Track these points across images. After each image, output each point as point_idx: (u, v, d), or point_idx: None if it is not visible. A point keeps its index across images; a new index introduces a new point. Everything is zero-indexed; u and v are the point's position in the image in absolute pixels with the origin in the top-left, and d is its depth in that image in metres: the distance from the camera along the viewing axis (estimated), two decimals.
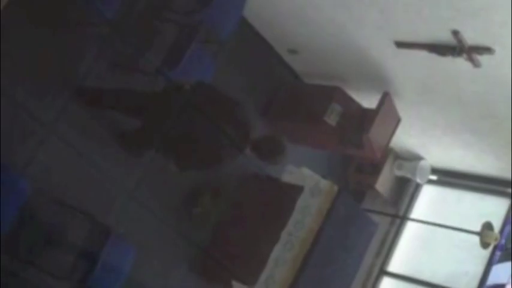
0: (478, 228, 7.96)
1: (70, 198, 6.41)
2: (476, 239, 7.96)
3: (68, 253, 6.35)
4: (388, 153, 8.89)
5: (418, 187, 9.40)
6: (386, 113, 7.75)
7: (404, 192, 9.40)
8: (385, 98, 7.68)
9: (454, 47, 6.40)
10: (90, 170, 6.68)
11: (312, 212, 7.41)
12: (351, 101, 7.98)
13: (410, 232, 9.21)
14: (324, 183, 7.57)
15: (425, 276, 8.75)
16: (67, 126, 6.44)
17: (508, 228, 8.42)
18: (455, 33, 6.19)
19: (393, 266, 9.12)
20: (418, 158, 9.03)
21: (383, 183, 9.16)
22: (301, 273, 7.27)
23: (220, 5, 6.60)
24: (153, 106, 6.27)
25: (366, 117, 7.69)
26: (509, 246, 8.37)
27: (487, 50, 6.20)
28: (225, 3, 6.69)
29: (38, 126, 6.22)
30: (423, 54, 6.72)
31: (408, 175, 9.14)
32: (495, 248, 8.23)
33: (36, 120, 6.20)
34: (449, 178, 9.19)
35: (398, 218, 9.26)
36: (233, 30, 6.86)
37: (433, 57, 6.66)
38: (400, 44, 6.84)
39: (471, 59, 6.43)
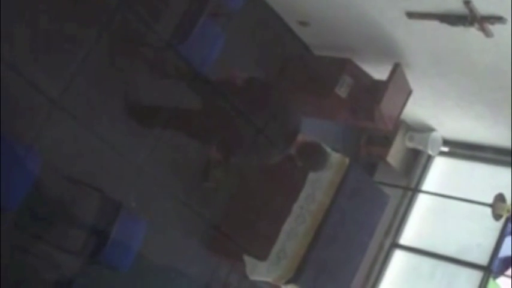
0: (490, 200, 7.94)
1: (80, 173, 6.43)
2: (488, 210, 7.94)
3: (79, 228, 6.41)
4: (399, 125, 8.85)
5: (429, 159, 9.36)
6: (398, 85, 7.70)
7: (416, 164, 9.36)
8: (396, 70, 7.62)
9: (466, 17, 6.32)
10: (99, 145, 6.67)
11: (323, 185, 7.39)
12: (362, 73, 7.94)
13: (422, 204, 9.19)
14: (335, 156, 7.54)
15: (437, 248, 8.73)
16: (74, 100, 6.42)
17: None
18: (467, 2, 6.12)
19: (405, 238, 9.10)
20: (429, 129, 8.99)
21: (394, 155, 9.13)
22: (312, 246, 7.27)
23: None
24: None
25: (377, 89, 7.65)
26: None
27: (499, 19, 6.13)
28: None
29: (45, 100, 6.19)
30: (434, 24, 6.64)
31: (420, 147, 9.10)
32: (507, 219, 8.20)
33: (43, 94, 6.18)
34: (461, 150, 9.14)
35: (410, 190, 9.23)
36: (242, 2, 6.82)
37: (445, 28, 6.59)
38: (411, 15, 6.77)
39: (483, 29, 6.36)
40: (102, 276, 6.54)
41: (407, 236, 9.11)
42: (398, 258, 9.07)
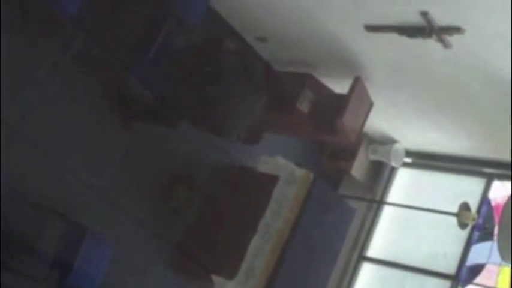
0: (455, 209, 7.95)
1: (42, 199, 6.35)
2: (453, 220, 7.95)
3: (44, 254, 6.29)
4: (362, 138, 8.86)
5: (393, 170, 9.39)
6: (359, 98, 7.71)
7: (379, 176, 9.38)
8: (357, 83, 7.63)
9: (424, 28, 6.35)
10: (60, 171, 6.60)
11: (288, 201, 7.36)
12: (323, 87, 7.94)
13: (387, 216, 9.20)
14: (299, 171, 7.53)
15: (405, 259, 8.75)
16: (33, 126, 6.35)
17: (485, 207, 8.44)
18: (424, 14, 6.15)
19: (372, 251, 9.10)
20: (392, 141, 9.01)
21: (358, 168, 9.14)
22: (280, 263, 7.23)
23: None
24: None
25: (338, 102, 7.64)
26: (488, 225, 8.38)
27: (457, 30, 6.16)
28: None
29: (5, 128, 6.12)
30: (393, 37, 6.66)
31: (383, 159, 9.12)
32: (473, 228, 8.25)
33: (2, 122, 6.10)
34: (424, 160, 9.18)
35: (375, 202, 9.25)
36: (199, 19, 6.80)
37: (404, 40, 6.61)
38: (370, 28, 6.78)
39: (441, 40, 6.39)
40: None
41: (374, 249, 9.12)
42: (367, 270, 9.08)
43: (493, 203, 8.50)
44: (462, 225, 7.96)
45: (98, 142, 6.94)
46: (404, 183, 9.36)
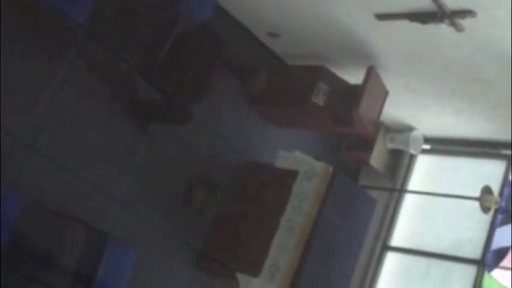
0: (477, 194, 7.90)
1: (63, 210, 6.36)
2: (476, 204, 7.90)
3: (69, 262, 6.31)
4: (379, 127, 8.81)
5: (412, 158, 9.32)
6: (374, 87, 7.68)
7: (399, 164, 9.33)
8: (371, 72, 7.60)
9: (435, 14, 6.30)
10: (79, 183, 6.63)
11: (309, 196, 7.33)
12: (337, 78, 7.91)
13: (409, 204, 9.15)
14: (318, 165, 7.50)
15: (429, 247, 8.69)
16: (47, 142, 6.36)
17: (507, 190, 8.38)
18: None
19: (396, 240, 9.05)
20: (409, 129, 8.96)
21: (377, 158, 9.09)
22: (304, 258, 7.20)
23: None
24: None
25: (353, 93, 7.61)
26: (510, 208, 8.32)
27: (469, 13, 6.12)
28: None
29: (18, 144, 6.13)
30: (405, 24, 6.62)
31: (401, 147, 9.07)
32: (496, 211, 8.18)
33: (15, 137, 6.11)
34: (443, 146, 9.13)
35: (396, 191, 9.20)
36: (208, 18, 6.79)
37: (415, 26, 6.57)
38: (381, 16, 6.75)
39: (453, 24, 6.35)
40: None
41: (397, 238, 9.06)
42: (391, 260, 9.03)
43: None
44: (485, 209, 7.91)
45: (115, 150, 6.96)
46: (424, 170, 9.30)
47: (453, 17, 6.25)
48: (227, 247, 7.53)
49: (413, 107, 8.44)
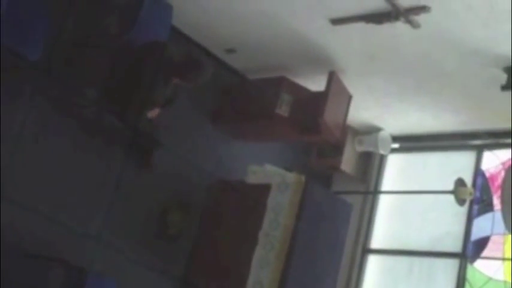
0: (451, 187, 7.90)
1: (38, 251, 6.29)
2: (451, 197, 7.89)
3: None
4: (346, 131, 8.79)
5: (383, 158, 9.32)
6: (337, 92, 7.67)
7: (370, 166, 9.31)
8: (333, 78, 7.59)
9: (390, 13, 6.33)
10: (51, 225, 6.57)
11: (284, 208, 7.29)
12: (299, 87, 7.89)
13: (385, 205, 9.13)
14: (290, 176, 7.48)
15: (410, 245, 8.68)
16: (14, 186, 6.28)
17: (479, 180, 8.39)
18: None
19: (376, 242, 9.03)
20: (377, 129, 8.95)
21: (348, 162, 9.07)
22: (287, 271, 7.15)
23: (147, 21, 6.48)
24: None
25: (317, 101, 7.59)
26: (485, 197, 8.34)
27: (423, 8, 6.14)
28: (151, 18, 6.58)
29: None
30: (361, 26, 6.64)
31: (370, 149, 9.06)
32: (471, 202, 8.19)
33: None
34: (412, 143, 9.13)
35: (370, 193, 9.18)
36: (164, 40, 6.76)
37: (372, 27, 6.59)
38: (336, 21, 6.75)
39: (409, 21, 6.37)
40: None
41: (377, 240, 9.04)
42: (373, 263, 9.00)
43: (487, 174, 8.44)
44: (460, 201, 7.90)
45: (84, 186, 6.88)
46: (396, 169, 9.29)
47: (408, 14, 6.27)
48: (208, 270, 7.47)
49: (378, 108, 8.44)
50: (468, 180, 8.18)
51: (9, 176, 6.21)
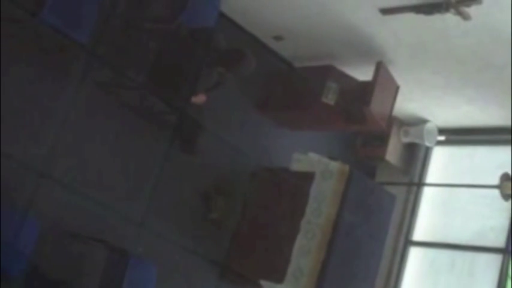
0: (496, 181, 7.84)
1: (82, 229, 6.36)
2: (496, 192, 7.85)
3: (92, 282, 6.31)
4: (392, 122, 8.76)
5: (428, 150, 9.26)
6: (384, 83, 7.65)
7: (415, 158, 9.27)
8: (380, 68, 7.58)
9: (441, 3, 6.29)
10: (94, 206, 6.60)
11: (327, 197, 7.30)
12: (346, 76, 7.88)
13: (428, 197, 9.08)
14: (334, 165, 7.47)
15: (452, 239, 8.63)
16: (60, 167, 6.35)
17: None
18: None
19: (418, 234, 8.99)
20: (423, 121, 8.91)
21: (392, 153, 9.04)
22: (327, 260, 7.16)
23: (196, 6, 6.51)
24: None
25: (364, 90, 7.60)
26: None
27: (474, 0, 6.09)
28: (200, 3, 6.60)
29: (30, 172, 6.12)
30: (410, 16, 6.60)
31: (416, 140, 9.02)
32: None
33: (26, 165, 6.09)
34: (458, 136, 9.07)
35: (414, 185, 9.14)
36: (213, 26, 6.78)
37: (421, 18, 6.55)
38: (386, 11, 6.72)
39: (459, 13, 6.32)
40: None
41: (419, 232, 9.00)
42: (415, 255, 8.97)
43: None
44: (505, 196, 7.85)
45: (128, 168, 6.94)
46: (441, 162, 9.24)
47: (459, 5, 6.23)
48: (249, 256, 7.50)
49: (425, 99, 8.40)
50: None
51: (56, 157, 6.27)
